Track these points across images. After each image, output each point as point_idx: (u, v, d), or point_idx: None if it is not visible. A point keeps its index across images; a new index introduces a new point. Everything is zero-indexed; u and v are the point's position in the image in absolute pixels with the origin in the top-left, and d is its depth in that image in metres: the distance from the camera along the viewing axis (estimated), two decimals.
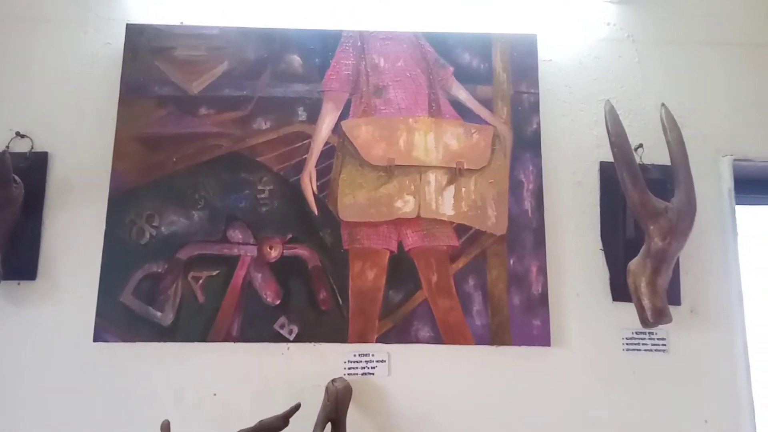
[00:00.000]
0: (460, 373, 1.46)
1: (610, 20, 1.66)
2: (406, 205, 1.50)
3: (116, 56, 1.57)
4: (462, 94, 1.57)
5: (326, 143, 1.53)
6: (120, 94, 1.55)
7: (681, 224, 1.38)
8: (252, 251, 1.46)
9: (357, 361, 1.45)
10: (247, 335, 1.43)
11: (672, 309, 1.46)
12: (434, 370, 1.46)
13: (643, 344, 1.48)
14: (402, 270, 1.47)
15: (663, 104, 1.50)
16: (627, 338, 1.48)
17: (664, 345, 1.48)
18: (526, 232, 1.50)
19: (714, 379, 1.47)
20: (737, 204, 1.59)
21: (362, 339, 1.44)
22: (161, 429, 1.13)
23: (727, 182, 1.57)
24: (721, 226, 1.56)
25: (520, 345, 1.46)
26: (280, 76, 1.57)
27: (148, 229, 1.48)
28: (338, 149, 1.53)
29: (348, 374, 1.44)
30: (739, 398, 1.45)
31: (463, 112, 1.56)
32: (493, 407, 1.46)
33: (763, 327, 1.71)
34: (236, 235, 1.48)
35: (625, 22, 1.66)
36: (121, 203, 1.49)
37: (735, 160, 1.58)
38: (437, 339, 1.44)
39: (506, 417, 1.45)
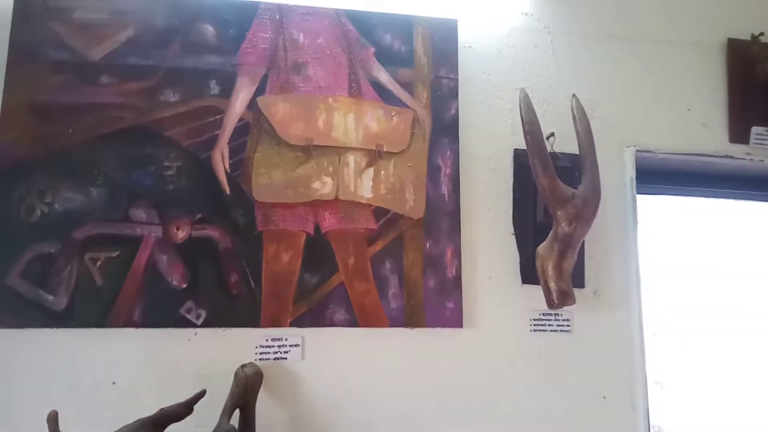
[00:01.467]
0: (375, 356, 1.46)
1: (528, 10, 1.70)
2: (324, 187, 1.47)
3: (4, 15, 1.41)
4: (383, 75, 1.55)
5: (240, 119, 1.46)
6: (8, 57, 1.40)
7: (586, 210, 1.44)
8: (157, 231, 1.38)
9: (269, 346, 1.41)
10: (151, 320, 1.35)
11: (576, 291, 1.53)
12: (349, 353, 1.45)
13: (549, 325, 1.54)
14: (318, 253, 1.44)
15: (574, 95, 1.55)
16: (534, 319, 1.54)
17: (569, 326, 1.55)
18: (443, 216, 1.52)
19: (612, 358, 1.56)
20: (638, 193, 1.68)
21: (275, 323, 1.40)
22: (48, 421, 1.04)
23: (630, 172, 1.66)
24: (623, 213, 1.65)
25: (433, 327, 1.47)
26: (191, 46, 1.47)
27: (39, 206, 1.35)
28: (253, 126, 1.47)
29: (260, 359, 1.40)
30: (635, 375, 1.55)
31: (383, 94, 1.55)
32: (407, 389, 1.47)
33: (656, 309, 1.84)
34: (139, 214, 1.38)
35: (542, 13, 1.70)
36: (8, 178, 1.35)
37: (637, 151, 1.67)
38: (353, 322, 1.43)
39: (420, 398, 1.47)
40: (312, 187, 1.46)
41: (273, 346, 1.41)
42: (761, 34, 1.78)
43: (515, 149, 1.61)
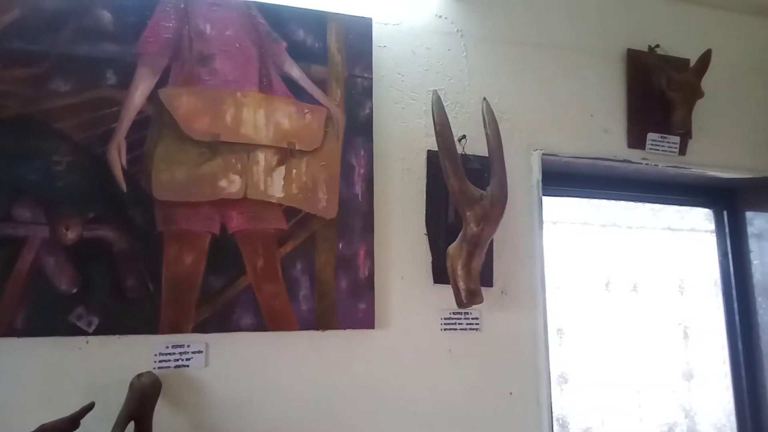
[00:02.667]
0: (285, 360, 1.42)
1: (442, 13, 1.72)
2: (231, 185, 1.41)
3: None
4: (295, 71, 1.51)
5: (140, 112, 1.37)
6: None
7: (494, 211, 1.47)
8: (43, 232, 1.27)
9: (170, 354, 1.33)
10: (36, 328, 1.24)
11: (485, 290, 1.56)
12: (257, 358, 1.40)
13: (459, 324, 1.56)
14: (225, 254, 1.38)
15: (485, 99, 1.59)
16: (445, 318, 1.56)
17: (478, 324, 1.58)
18: (356, 216, 1.50)
19: (519, 355, 1.61)
20: (544, 195, 1.75)
21: (176, 329, 1.33)
22: None
23: (537, 174, 1.72)
24: (530, 214, 1.70)
25: (345, 329, 1.45)
26: (85, 32, 1.37)
27: None
28: (154, 120, 1.38)
29: (159, 368, 1.32)
30: (539, 371, 1.61)
31: (296, 91, 1.51)
32: (319, 392, 1.44)
33: (559, 306, 1.92)
34: (23, 212, 1.26)
35: (455, 16, 1.73)
36: None
37: (544, 154, 1.73)
38: (261, 326, 1.38)
39: (332, 401, 1.45)
40: (218, 186, 1.40)
41: (174, 354, 1.34)
42: (657, 45, 1.90)
43: (429, 150, 1.63)
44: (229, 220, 1.40)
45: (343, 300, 1.45)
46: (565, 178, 1.90)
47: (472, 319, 1.58)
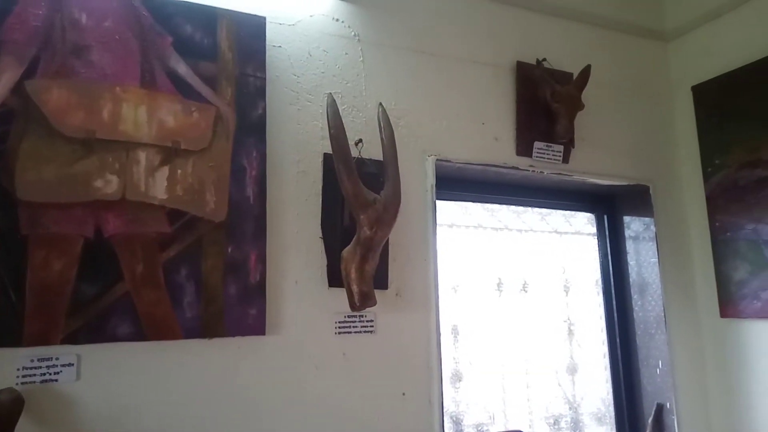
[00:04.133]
0: (168, 371, 1.35)
1: (339, 17, 1.72)
2: (107, 186, 1.32)
3: None
4: (182, 67, 1.45)
5: (2, 105, 1.25)
6: None
7: (387, 215, 1.49)
8: None
9: (35, 367, 1.22)
10: None
11: (380, 293, 1.58)
12: (136, 370, 1.32)
13: (353, 327, 1.56)
14: (99, 259, 1.29)
15: (380, 104, 1.60)
16: (339, 322, 1.55)
17: (372, 326, 1.59)
18: (247, 219, 1.46)
19: (412, 355, 1.64)
20: (438, 199, 1.79)
21: (43, 341, 1.22)
22: None
23: (431, 179, 1.76)
24: (424, 218, 1.74)
25: (234, 336, 1.41)
26: None
27: None
28: (19, 114, 1.26)
29: (22, 383, 1.21)
30: (431, 371, 1.65)
31: (182, 88, 1.44)
32: (206, 404, 1.38)
33: (455, 307, 1.98)
34: None
35: (353, 21, 1.74)
36: None
37: (438, 160, 1.78)
38: (140, 335, 1.30)
39: (222, 412, 1.39)
40: (93, 186, 1.30)
41: (40, 367, 1.23)
42: (544, 59, 2.01)
43: (325, 153, 1.62)
44: (104, 222, 1.31)
45: (232, 306, 1.40)
46: (458, 182, 1.96)
47: (367, 321, 1.58)
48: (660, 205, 2.16)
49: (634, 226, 2.24)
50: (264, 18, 1.57)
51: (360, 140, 1.65)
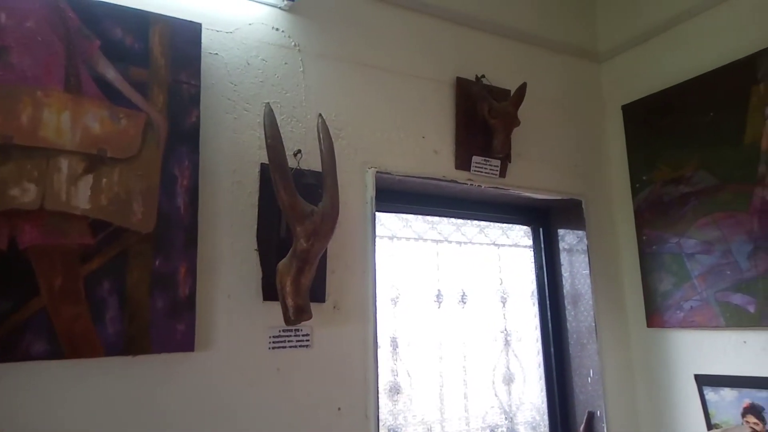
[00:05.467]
0: (87, 391, 1.28)
1: (279, 26, 1.70)
2: (25, 194, 1.24)
3: None
4: (110, 73, 1.39)
5: None
6: None
7: (324, 227, 1.47)
8: None
9: None
10: None
11: (317, 306, 1.57)
12: (53, 390, 1.24)
13: (288, 341, 1.53)
14: (12, 273, 1.21)
15: (320, 114, 1.60)
16: (274, 336, 1.52)
17: (308, 340, 1.56)
18: (177, 231, 1.41)
19: (349, 369, 1.62)
20: (378, 211, 1.79)
21: None
22: None
23: (370, 191, 1.76)
24: (364, 230, 1.74)
25: (161, 352, 1.35)
26: None
27: None
28: None
29: None
30: (368, 385, 1.63)
31: (110, 94, 1.38)
32: (128, 424, 1.31)
33: (395, 319, 1.98)
34: None
35: (293, 31, 1.72)
36: None
37: (378, 172, 1.78)
38: (57, 353, 1.23)
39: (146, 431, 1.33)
40: (8, 195, 1.22)
41: None
42: (483, 76, 2.06)
43: (262, 164, 1.59)
44: (20, 233, 1.23)
45: (158, 321, 1.35)
46: (399, 195, 1.98)
47: (303, 335, 1.56)
48: (592, 218, 2.24)
49: (568, 238, 2.32)
50: (200, 24, 1.53)
51: (299, 151, 1.63)
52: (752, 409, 1.80)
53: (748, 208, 1.85)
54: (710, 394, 1.90)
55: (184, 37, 1.50)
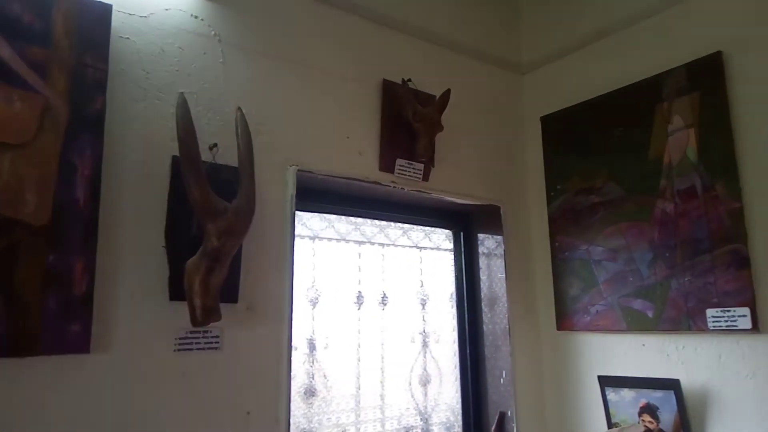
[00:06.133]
0: None
1: (199, 14, 1.63)
2: None
3: None
4: (5, 51, 1.27)
5: None
6: None
7: (238, 225, 1.42)
8: None
9: None
10: None
11: (229, 307, 1.51)
12: None
13: (196, 343, 1.47)
14: None
15: (239, 108, 1.54)
16: (180, 338, 1.45)
17: (218, 343, 1.51)
18: (75, 224, 1.31)
19: (260, 372, 1.57)
20: (300, 210, 1.76)
21: None
22: None
23: (291, 190, 1.72)
24: (282, 229, 1.70)
25: (51, 354, 1.25)
26: None
27: None
28: None
29: None
30: (280, 388, 1.60)
31: (4, 73, 1.27)
32: (14, 430, 1.21)
33: (316, 320, 1.95)
34: None
35: (214, 20, 1.66)
36: None
37: (299, 170, 1.75)
38: None
39: None
40: None
41: None
42: (409, 79, 2.07)
43: (174, 156, 1.51)
44: None
45: (50, 321, 1.25)
46: (321, 195, 1.95)
47: (212, 337, 1.50)
48: (509, 224, 2.31)
49: (487, 243, 2.38)
50: (110, 5, 1.43)
51: (215, 145, 1.57)
52: (648, 409, 1.91)
53: (650, 218, 1.97)
54: (611, 394, 2.01)
55: (92, 18, 1.40)
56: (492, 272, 2.34)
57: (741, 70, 1.80)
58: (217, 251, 1.38)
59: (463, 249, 2.41)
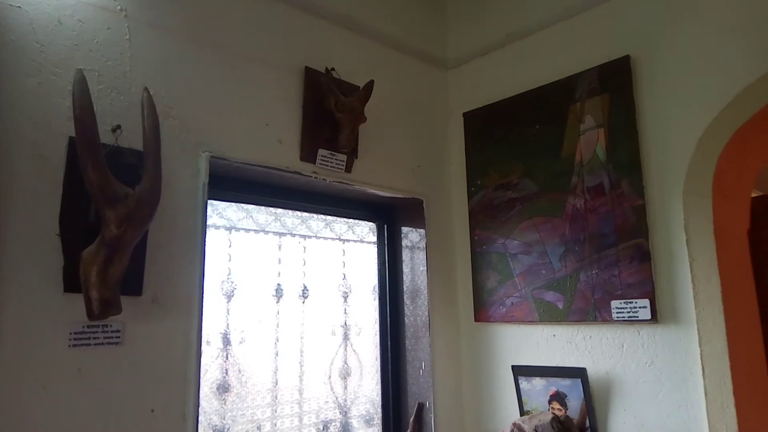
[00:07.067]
0: None
1: None
2: None
3: None
4: None
5: None
6: None
7: (140, 212, 1.34)
8: None
9: None
10: None
11: (131, 299, 1.43)
12: None
13: (94, 338, 1.37)
14: None
15: (146, 88, 1.46)
16: (76, 332, 1.35)
17: (118, 337, 1.42)
18: None
19: (167, 368, 1.50)
20: (215, 199, 1.68)
21: None
22: None
23: (203, 177, 1.65)
24: (193, 218, 1.62)
25: None
26: None
27: None
28: None
29: None
30: (188, 384, 1.52)
31: None
32: None
33: (232, 314, 1.89)
34: None
35: None
36: None
37: (213, 157, 1.68)
38: None
39: None
40: None
41: None
42: (333, 69, 2.04)
43: (71, 137, 1.40)
44: None
45: None
46: (239, 183, 1.88)
47: (112, 332, 1.41)
48: (432, 217, 2.34)
49: (411, 236, 2.39)
50: None
51: (118, 126, 1.47)
52: (557, 396, 1.99)
53: (562, 214, 2.05)
54: (524, 383, 2.08)
55: None
56: (415, 265, 2.35)
57: (647, 74, 1.90)
58: (117, 240, 1.30)
59: (386, 242, 2.41)
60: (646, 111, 1.89)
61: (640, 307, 1.81)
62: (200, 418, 1.57)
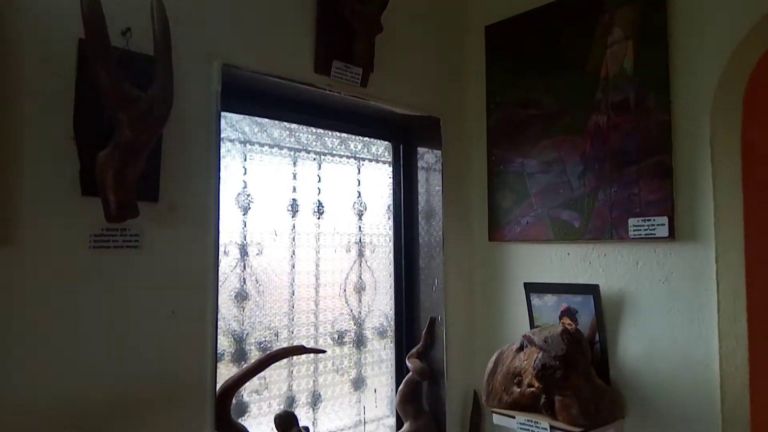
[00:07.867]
0: None
1: None
2: None
3: None
4: None
5: None
6: None
7: (153, 115, 1.33)
8: None
9: None
10: None
11: (149, 205, 1.45)
12: None
13: (114, 241, 1.40)
14: None
15: None
16: (96, 235, 1.38)
17: (137, 241, 1.44)
18: None
19: (185, 273, 1.53)
20: (227, 111, 1.66)
21: None
22: None
23: (216, 85, 1.62)
24: (207, 127, 1.60)
25: None
26: None
27: None
28: None
29: None
30: (206, 289, 1.57)
31: None
32: None
33: (249, 225, 1.91)
34: None
35: None
36: None
37: (224, 65, 1.64)
38: None
39: None
40: None
41: None
42: None
43: (81, 39, 1.37)
44: None
45: None
46: (251, 95, 1.85)
47: (131, 235, 1.43)
48: (448, 137, 2.29)
49: (427, 157, 2.36)
50: None
51: (128, 29, 1.43)
52: (568, 312, 2.02)
53: (583, 132, 1.99)
54: (536, 299, 2.10)
55: None
56: (431, 186, 2.34)
57: None
58: (131, 143, 1.29)
59: (402, 162, 2.38)
60: (678, 22, 1.78)
61: (658, 225, 1.79)
62: (219, 323, 1.63)
